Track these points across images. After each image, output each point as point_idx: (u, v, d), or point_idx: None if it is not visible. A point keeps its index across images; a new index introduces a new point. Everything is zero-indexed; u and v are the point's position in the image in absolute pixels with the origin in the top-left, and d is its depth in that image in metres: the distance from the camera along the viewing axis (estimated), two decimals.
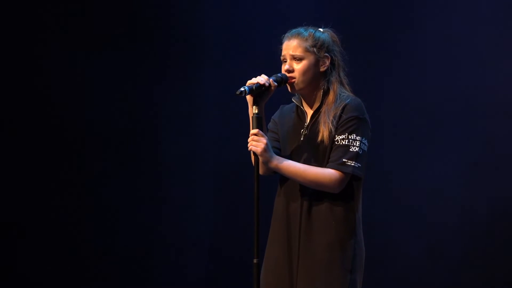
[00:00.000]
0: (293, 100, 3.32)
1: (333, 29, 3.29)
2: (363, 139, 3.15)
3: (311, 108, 3.26)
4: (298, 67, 3.19)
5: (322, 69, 3.22)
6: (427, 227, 5.07)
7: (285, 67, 3.21)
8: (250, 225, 3.22)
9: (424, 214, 5.08)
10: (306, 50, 3.19)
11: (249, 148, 3.12)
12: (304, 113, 3.27)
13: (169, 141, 5.45)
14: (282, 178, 3.25)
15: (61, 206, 5.30)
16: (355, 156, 3.12)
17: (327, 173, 3.12)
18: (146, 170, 5.42)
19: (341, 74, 3.26)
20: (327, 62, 3.21)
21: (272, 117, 3.37)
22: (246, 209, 3.96)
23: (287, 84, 3.22)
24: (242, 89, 3.09)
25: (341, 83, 3.25)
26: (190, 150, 5.47)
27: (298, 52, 3.19)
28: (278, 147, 3.29)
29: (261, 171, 3.22)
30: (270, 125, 3.35)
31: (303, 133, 3.23)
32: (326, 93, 3.21)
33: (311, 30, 3.23)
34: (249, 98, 3.15)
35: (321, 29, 3.26)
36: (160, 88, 5.45)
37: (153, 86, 5.44)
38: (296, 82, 3.20)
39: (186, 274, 5.45)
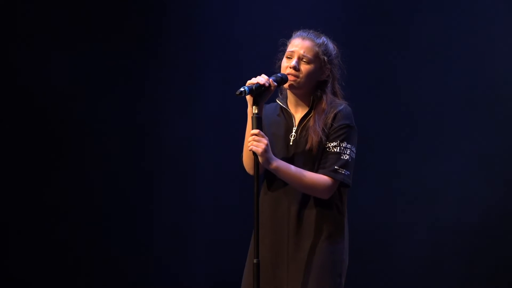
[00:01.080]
0: (277, 100, 3.32)
1: (335, 41, 3.30)
2: (353, 147, 3.19)
3: (299, 111, 3.26)
4: (305, 68, 3.20)
5: (321, 77, 3.23)
6: (436, 226, 5.07)
7: (291, 62, 3.20)
8: (250, 225, 3.22)
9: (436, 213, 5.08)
10: (317, 55, 3.21)
11: (249, 148, 3.11)
12: (291, 116, 3.27)
13: (168, 141, 5.44)
14: (270, 177, 3.25)
15: (57, 206, 5.30)
16: (345, 164, 3.16)
17: (322, 180, 3.14)
18: (145, 170, 5.42)
19: (336, 86, 3.28)
20: (327, 73, 3.23)
21: None
22: (246, 209, 3.95)
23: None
24: (242, 89, 3.09)
25: (335, 94, 3.27)
26: (189, 150, 5.47)
27: (310, 55, 3.20)
28: None
29: (252, 171, 3.22)
30: None
31: (292, 138, 3.24)
32: (317, 100, 3.22)
33: (324, 38, 3.26)
34: (249, 98, 3.14)
35: (329, 42, 3.28)
36: (159, 87, 5.44)
37: (151, 85, 5.43)
38: (296, 80, 3.20)
39: (186, 274, 5.45)
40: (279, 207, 3.21)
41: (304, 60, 3.20)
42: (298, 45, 3.21)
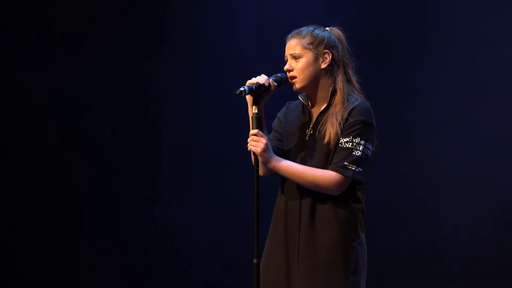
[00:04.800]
0: (299, 97, 3.29)
1: (340, 27, 3.27)
2: (367, 143, 3.12)
3: (317, 107, 3.23)
4: (297, 65, 3.18)
5: (323, 65, 3.18)
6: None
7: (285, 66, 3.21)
8: (249, 225, 3.21)
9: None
10: (304, 47, 3.18)
11: (248, 148, 3.11)
12: (310, 112, 3.24)
13: (168, 141, 5.44)
14: (284, 177, 3.23)
15: (56, 205, 5.30)
16: (357, 161, 3.09)
17: (327, 175, 3.10)
18: (146, 170, 5.42)
19: (349, 71, 3.23)
20: (328, 58, 3.18)
21: (278, 114, 3.35)
22: (246, 209, 3.95)
23: (290, 83, 3.21)
24: (241, 89, 3.08)
25: (349, 81, 3.22)
26: (190, 150, 5.47)
27: (297, 51, 3.18)
28: (280, 147, 3.27)
29: (261, 172, 3.22)
30: (275, 123, 3.34)
31: (308, 133, 3.21)
32: (333, 93, 3.18)
33: (310, 28, 3.22)
34: (248, 98, 3.14)
35: (327, 28, 3.24)
36: (159, 86, 5.44)
37: (152, 84, 5.44)
38: (296, 80, 3.19)
39: (185, 274, 5.45)
40: (292, 206, 3.19)
41: (295, 57, 3.19)
42: (287, 47, 3.21)
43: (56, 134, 5.30)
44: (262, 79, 3.12)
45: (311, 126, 3.21)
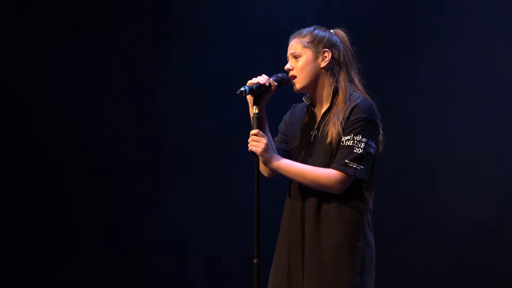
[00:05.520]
0: (303, 99, 3.29)
1: (344, 29, 3.26)
2: (369, 141, 3.10)
3: (321, 108, 3.23)
4: (297, 64, 3.18)
5: (322, 64, 3.18)
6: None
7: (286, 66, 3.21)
8: (250, 225, 3.21)
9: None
10: (304, 46, 3.18)
11: (249, 149, 3.11)
12: (314, 114, 3.24)
13: (168, 141, 5.44)
14: (290, 179, 3.23)
15: (59, 205, 5.30)
16: (358, 158, 3.08)
17: (328, 174, 3.09)
18: (146, 170, 5.41)
19: (351, 72, 3.22)
20: (328, 57, 3.18)
21: (284, 116, 3.36)
22: (247, 210, 3.95)
23: (291, 84, 3.21)
24: (242, 88, 3.08)
25: (351, 81, 3.21)
26: (190, 150, 5.46)
27: (297, 50, 3.19)
28: (285, 149, 3.28)
29: (266, 174, 3.23)
30: (281, 125, 3.35)
31: (313, 134, 3.21)
32: (335, 93, 3.18)
33: (311, 28, 3.23)
34: (249, 98, 3.14)
35: (331, 30, 3.24)
36: (160, 86, 5.44)
37: (152, 85, 5.44)
38: (296, 80, 3.19)
39: (186, 275, 5.44)
40: (298, 206, 3.18)
41: (295, 56, 3.19)
42: (288, 48, 3.22)
43: (54, 134, 5.30)
44: (262, 79, 3.12)
45: (315, 127, 3.21)
